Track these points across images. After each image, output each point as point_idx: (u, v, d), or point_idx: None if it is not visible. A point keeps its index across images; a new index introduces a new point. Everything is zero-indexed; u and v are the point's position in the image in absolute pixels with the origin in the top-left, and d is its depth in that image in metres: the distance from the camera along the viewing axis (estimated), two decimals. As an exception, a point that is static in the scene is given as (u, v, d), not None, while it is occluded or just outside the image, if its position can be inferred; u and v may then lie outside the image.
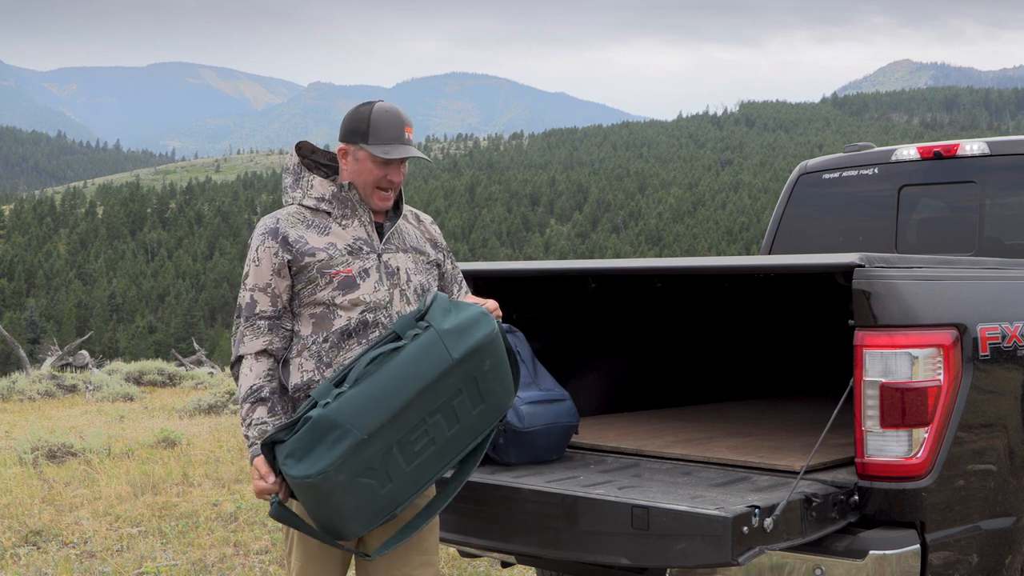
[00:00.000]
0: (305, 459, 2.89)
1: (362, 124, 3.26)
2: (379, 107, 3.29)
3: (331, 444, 2.88)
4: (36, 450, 10.00)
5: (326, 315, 3.22)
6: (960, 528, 3.28)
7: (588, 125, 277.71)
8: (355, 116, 3.31)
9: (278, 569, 6.19)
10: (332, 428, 2.88)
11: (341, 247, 3.26)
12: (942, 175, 5.44)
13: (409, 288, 3.34)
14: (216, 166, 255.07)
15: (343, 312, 3.22)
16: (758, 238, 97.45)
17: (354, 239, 3.28)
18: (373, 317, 3.24)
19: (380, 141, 3.25)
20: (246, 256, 3.33)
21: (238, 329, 3.26)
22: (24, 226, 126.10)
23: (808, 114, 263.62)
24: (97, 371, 22.28)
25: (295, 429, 2.95)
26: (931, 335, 3.19)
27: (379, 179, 3.29)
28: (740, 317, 5.36)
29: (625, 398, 4.83)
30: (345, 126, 3.32)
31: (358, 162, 3.29)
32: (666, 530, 2.97)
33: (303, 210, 3.31)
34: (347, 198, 3.31)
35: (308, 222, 3.28)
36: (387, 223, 3.38)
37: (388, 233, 3.35)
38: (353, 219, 3.31)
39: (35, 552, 6.62)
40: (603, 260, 8.50)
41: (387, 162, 3.27)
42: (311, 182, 3.34)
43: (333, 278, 3.22)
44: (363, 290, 3.24)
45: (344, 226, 3.29)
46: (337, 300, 3.22)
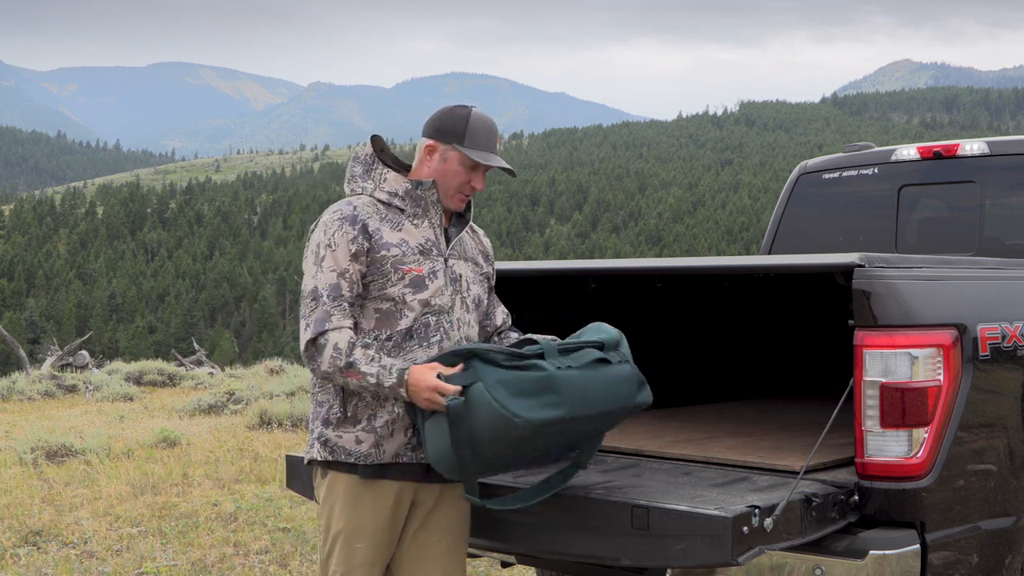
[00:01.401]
0: (518, 398, 2.90)
1: (459, 126, 3.25)
2: (476, 112, 3.29)
3: (544, 404, 2.91)
4: (36, 450, 10.00)
5: (392, 312, 3.19)
6: (960, 528, 3.28)
7: (588, 125, 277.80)
8: (451, 116, 3.28)
9: (278, 569, 6.19)
10: (554, 392, 2.92)
11: (413, 245, 3.22)
12: (942, 175, 5.44)
13: (468, 297, 3.34)
14: (216, 166, 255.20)
15: (409, 312, 3.19)
16: (758, 238, 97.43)
17: (424, 239, 3.26)
18: (436, 320, 3.22)
19: (476, 146, 3.25)
20: (311, 240, 3.24)
21: (320, 309, 3.11)
22: (24, 226, 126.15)
23: (808, 114, 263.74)
24: (97, 371, 22.28)
25: (518, 365, 2.93)
26: (931, 335, 3.19)
27: (463, 183, 3.28)
28: (740, 317, 5.37)
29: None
30: (437, 124, 3.28)
31: (446, 162, 3.26)
32: (666, 530, 2.97)
33: (375, 202, 3.27)
34: (421, 197, 3.26)
35: (382, 215, 3.24)
36: (453, 229, 3.35)
37: (455, 240, 3.33)
38: (424, 219, 3.28)
39: (35, 552, 6.62)
40: (603, 260, 8.49)
41: (475, 167, 3.27)
42: (384, 175, 3.30)
43: (405, 275, 3.19)
44: (431, 291, 3.22)
45: (416, 225, 3.26)
46: (407, 298, 3.18)
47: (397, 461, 3.22)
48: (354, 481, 3.22)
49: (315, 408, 3.30)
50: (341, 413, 3.22)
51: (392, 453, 3.21)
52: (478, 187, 3.31)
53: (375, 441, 3.20)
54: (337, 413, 3.22)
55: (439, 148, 3.27)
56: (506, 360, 2.96)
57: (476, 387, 2.94)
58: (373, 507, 3.23)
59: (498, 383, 2.91)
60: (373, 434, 3.20)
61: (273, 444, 10.90)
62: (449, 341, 3.24)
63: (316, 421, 3.28)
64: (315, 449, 3.27)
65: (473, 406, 2.93)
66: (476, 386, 2.94)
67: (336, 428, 3.22)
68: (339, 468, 3.23)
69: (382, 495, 3.23)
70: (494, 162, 3.26)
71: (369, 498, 3.22)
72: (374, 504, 3.23)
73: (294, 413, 12.36)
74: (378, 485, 3.22)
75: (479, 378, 2.94)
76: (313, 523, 7.15)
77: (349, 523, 3.22)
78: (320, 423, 3.26)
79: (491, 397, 2.90)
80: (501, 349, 2.99)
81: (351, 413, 3.20)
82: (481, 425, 2.93)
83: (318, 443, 3.26)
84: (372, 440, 3.20)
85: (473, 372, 2.96)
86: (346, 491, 3.23)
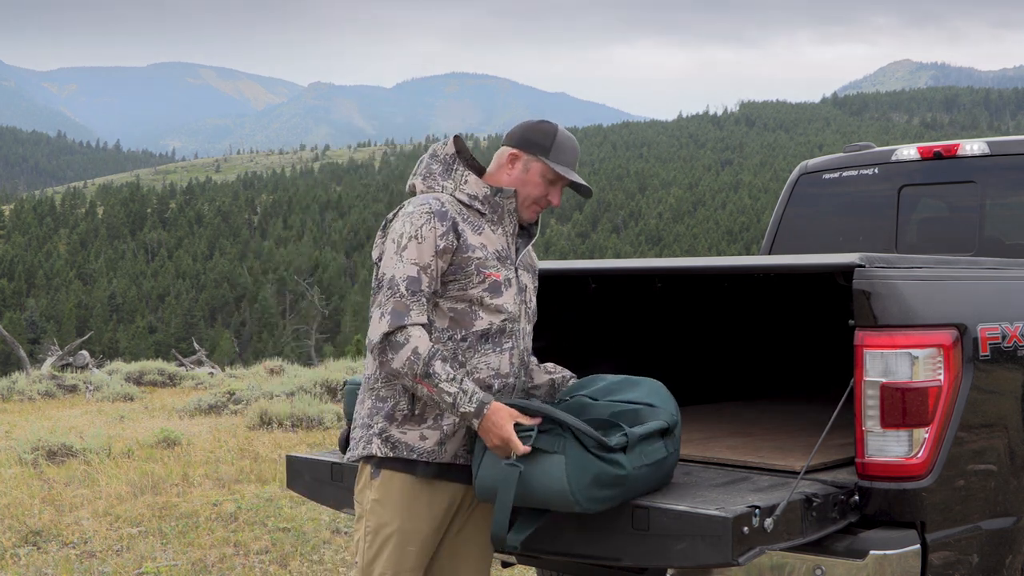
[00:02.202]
0: (591, 488, 2.97)
1: (546, 139, 3.29)
2: (563, 130, 3.35)
3: (609, 497, 3.00)
4: (36, 450, 10.00)
5: (467, 313, 3.18)
6: (960, 528, 3.28)
7: (588, 125, 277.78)
8: (538, 129, 3.32)
9: (278, 569, 6.19)
10: (623, 487, 3.01)
11: (492, 251, 3.24)
12: (942, 175, 5.44)
13: (530, 309, 3.37)
14: (216, 166, 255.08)
15: (485, 314, 3.19)
16: (758, 238, 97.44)
17: (501, 247, 3.27)
18: (511, 328, 3.24)
19: (560, 161, 3.29)
20: (392, 229, 3.20)
21: (398, 300, 3.08)
22: (24, 226, 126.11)
23: (808, 114, 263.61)
24: (97, 371, 22.28)
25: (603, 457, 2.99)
26: (931, 335, 3.19)
27: (541, 196, 3.31)
28: (740, 317, 5.36)
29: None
30: (524, 134, 3.32)
31: (528, 172, 3.29)
32: (666, 530, 2.97)
33: (457, 203, 3.26)
34: (500, 204, 3.28)
35: (464, 216, 3.23)
36: (520, 240, 3.37)
37: (523, 251, 3.35)
38: (499, 226, 3.29)
39: (35, 552, 6.62)
40: (603, 260, 8.49)
41: (555, 182, 3.30)
42: (465, 177, 3.30)
43: (486, 278, 3.19)
44: (505, 298, 3.24)
45: (493, 231, 3.28)
46: (485, 300, 3.19)
47: (455, 462, 3.21)
48: (411, 481, 3.18)
49: (375, 403, 3.24)
50: (409, 410, 3.18)
51: (452, 454, 3.20)
52: (555, 202, 3.35)
53: (440, 439, 3.18)
54: (404, 410, 3.18)
55: (523, 158, 3.29)
56: (595, 447, 2.99)
57: (556, 459, 2.98)
58: (428, 509, 3.20)
59: (581, 469, 2.96)
60: (439, 432, 3.18)
61: (273, 444, 10.90)
62: (517, 350, 3.26)
63: (377, 416, 3.22)
64: (373, 445, 3.21)
65: (542, 472, 2.98)
66: (556, 458, 2.98)
67: (401, 425, 3.19)
68: (396, 466, 3.19)
69: (437, 497, 3.21)
70: (576, 177, 3.30)
71: (425, 499, 3.19)
72: (429, 506, 3.20)
73: (294, 413, 12.36)
74: (435, 486, 3.20)
75: (564, 452, 2.98)
76: (313, 523, 7.15)
77: (404, 524, 3.18)
78: (383, 418, 3.21)
79: (567, 477, 2.95)
80: (591, 433, 3.00)
81: (419, 411, 3.18)
82: (541, 489, 2.99)
83: (378, 439, 3.20)
84: (437, 438, 3.18)
85: (560, 442, 2.99)
86: (402, 491, 3.18)
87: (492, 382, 3.22)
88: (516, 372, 3.29)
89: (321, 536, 6.86)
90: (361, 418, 3.28)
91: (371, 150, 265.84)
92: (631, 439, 3.04)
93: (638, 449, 3.06)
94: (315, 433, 11.77)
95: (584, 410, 3.16)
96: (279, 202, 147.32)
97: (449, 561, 3.33)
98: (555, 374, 3.51)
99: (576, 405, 3.20)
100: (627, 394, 3.24)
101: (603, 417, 3.12)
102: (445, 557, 3.32)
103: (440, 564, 3.32)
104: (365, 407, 3.27)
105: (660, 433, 3.15)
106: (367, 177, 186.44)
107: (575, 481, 2.94)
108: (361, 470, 3.28)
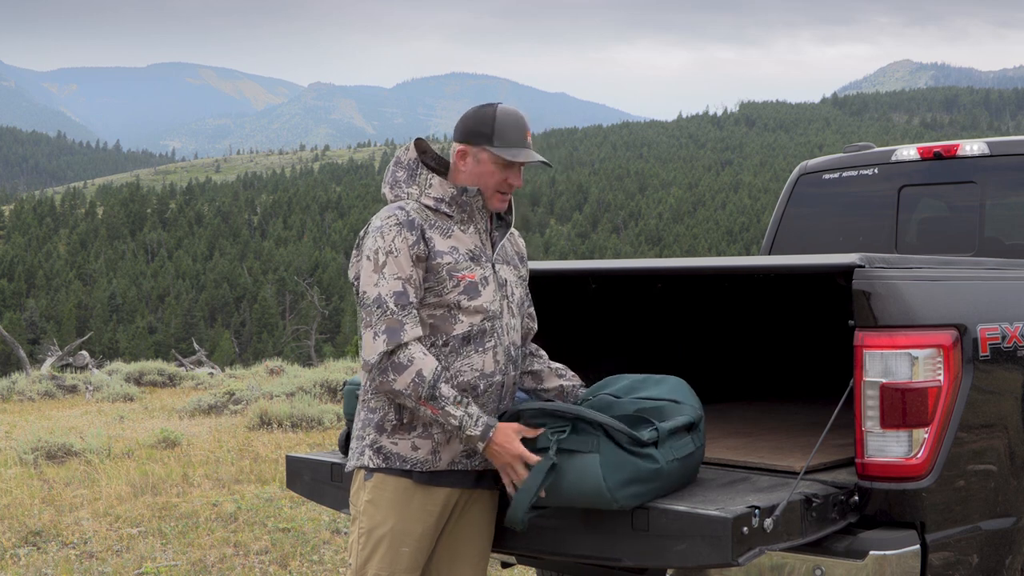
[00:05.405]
0: (628, 486, 2.98)
1: (486, 126, 3.20)
2: (502, 109, 3.24)
3: (644, 492, 3.00)
4: (36, 450, 10.01)
5: (446, 318, 3.16)
6: (960, 528, 3.28)
7: (588, 125, 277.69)
8: (477, 117, 3.24)
9: (278, 569, 6.19)
10: (657, 482, 3.03)
11: (463, 252, 3.20)
12: (942, 175, 5.44)
13: (513, 302, 3.33)
14: (216, 166, 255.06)
15: (465, 317, 3.16)
16: (758, 238, 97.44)
17: (473, 246, 3.24)
18: (491, 326, 3.21)
19: (505, 144, 3.20)
20: (364, 246, 3.17)
21: (390, 317, 3.05)
22: (24, 226, 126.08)
23: (808, 114, 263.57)
24: (97, 371, 22.28)
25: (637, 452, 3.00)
26: (931, 335, 3.19)
27: (500, 183, 3.24)
28: (740, 317, 5.36)
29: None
30: (466, 127, 3.24)
31: (479, 164, 3.23)
32: (666, 530, 2.97)
33: (424, 208, 3.22)
34: (467, 203, 3.23)
35: (431, 221, 3.20)
36: (497, 233, 3.33)
37: (499, 245, 3.31)
38: (470, 225, 3.25)
39: (35, 552, 6.62)
40: (603, 260, 8.50)
41: (509, 165, 3.23)
42: (430, 181, 3.25)
43: (460, 281, 3.16)
44: (484, 298, 3.20)
45: (464, 231, 3.24)
46: (463, 304, 3.16)
47: (452, 468, 3.19)
48: (404, 484, 3.17)
49: (366, 415, 3.22)
50: (397, 420, 3.16)
51: (448, 460, 3.18)
52: (516, 184, 3.27)
53: (432, 448, 3.16)
54: (392, 420, 3.16)
55: (470, 151, 3.23)
56: (629, 443, 2.99)
57: (591, 458, 2.97)
58: (422, 510, 3.18)
59: (616, 465, 2.96)
60: (430, 440, 3.16)
61: (273, 444, 10.90)
62: (501, 347, 3.23)
63: (368, 428, 3.21)
64: (366, 456, 3.19)
65: (576, 472, 2.97)
66: (591, 457, 2.97)
67: (391, 435, 3.17)
68: (390, 472, 3.18)
69: (431, 498, 3.19)
70: (525, 157, 3.22)
71: (419, 501, 3.18)
72: (423, 507, 3.18)
73: (294, 413, 12.36)
74: (429, 488, 3.18)
75: (598, 451, 2.97)
76: (313, 523, 7.15)
77: (396, 526, 3.17)
78: (373, 430, 3.19)
79: (602, 475, 2.94)
80: (624, 429, 3.00)
81: (407, 420, 3.15)
82: (574, 489, 2.99)
83: (370, 450, 3.19)
84: (429, 447, 3.16)
85: (593, 441, 2.99)
86: (395, 492, 3.17)
87: (478, 383, 3.19)
88: (503, 369, 3.25)
89: (321, 536, 6.86)
90: (356, 429, 3.29)
91: (371, 150, 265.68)
92: (661, 434, 3.06)
93: (668, 444, 3.07)
94: (315, 433, 11.77)
95: (609, 408, 3.16)
96: (279, 202, 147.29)
97: (447, 561, 3.32)
98: (565, 380, 3.50)
99: (601, 403, 3.19)
100: (650, 391, 3.24)
101: (629, 413, 3.13)
102: (443, 557, 3.32)
103: (438, 564, 3.31)
104: (359, 418, 3.28)
105: (687, 428, 3.16)
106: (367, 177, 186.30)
107: (611, 478, 2.95)
108: (356, 474, 3.28)
